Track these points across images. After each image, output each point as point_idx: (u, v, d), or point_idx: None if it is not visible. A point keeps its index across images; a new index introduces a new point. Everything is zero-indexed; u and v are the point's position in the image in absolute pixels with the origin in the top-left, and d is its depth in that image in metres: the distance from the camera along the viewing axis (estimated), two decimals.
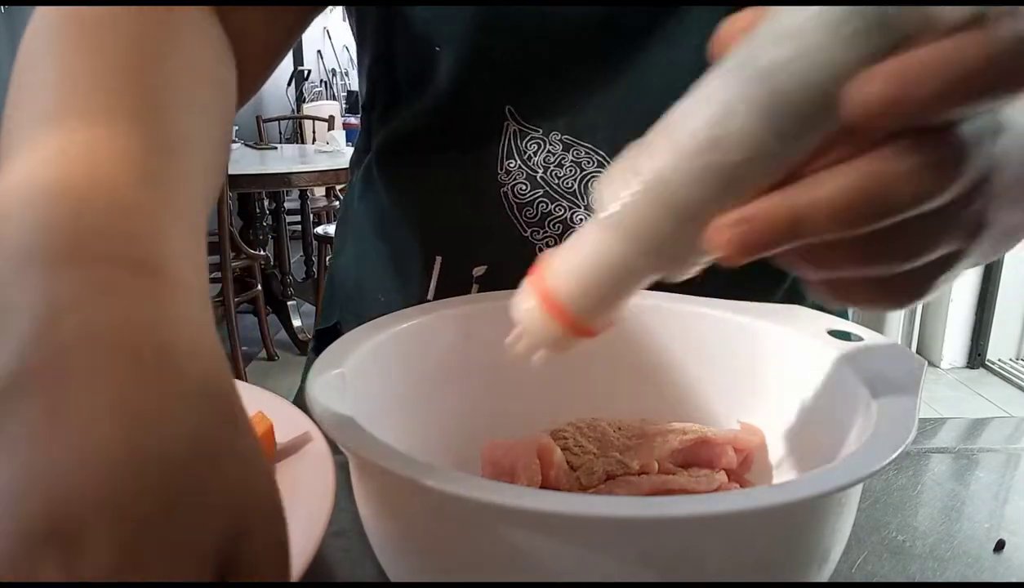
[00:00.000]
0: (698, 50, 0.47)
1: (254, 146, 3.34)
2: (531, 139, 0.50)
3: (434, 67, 0.49)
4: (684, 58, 0.47)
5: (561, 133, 0.49)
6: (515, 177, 0.50)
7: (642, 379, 0.44)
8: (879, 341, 0.37)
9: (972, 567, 0.39)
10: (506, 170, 0.50)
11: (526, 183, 0.50)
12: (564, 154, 0.50)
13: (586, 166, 0.50)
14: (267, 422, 0.41)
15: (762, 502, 0.24)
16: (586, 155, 0.49)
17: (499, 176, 0.51)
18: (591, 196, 0.49)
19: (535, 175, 0.50)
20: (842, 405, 0.35)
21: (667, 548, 0.25)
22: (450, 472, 0.25)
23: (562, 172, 0.50)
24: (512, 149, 0.50)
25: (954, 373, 3.02)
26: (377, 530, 0.31)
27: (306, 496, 0.36)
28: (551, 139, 0.49)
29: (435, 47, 0.49)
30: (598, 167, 0.49)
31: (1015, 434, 0.55)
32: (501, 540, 0.26)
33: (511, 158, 0.50)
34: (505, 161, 0.50)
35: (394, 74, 0.53)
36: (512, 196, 0.51)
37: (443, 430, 0.41)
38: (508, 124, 0.50)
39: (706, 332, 0.43)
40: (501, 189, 0.51)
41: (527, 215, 0.51)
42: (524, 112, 0.49)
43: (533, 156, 0.50)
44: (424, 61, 0.50)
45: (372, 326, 0.39)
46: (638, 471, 0.37)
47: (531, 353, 0.30)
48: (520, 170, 0.50)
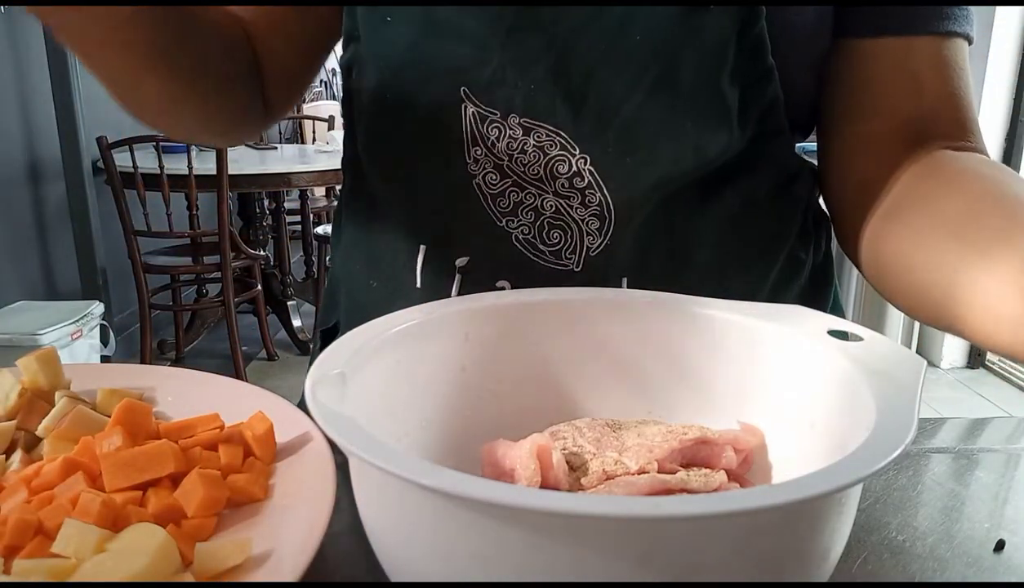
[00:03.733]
0: (648, 47, 0.47)
1: (254, 146, 3.33)
2: (491, 123, 0.49)
3: (387, 42, 0.50)
4: (641, 33, 0.46)
5: (519, 115, 0.48)
6: (483, 166, 0.50)
7: (642, 379, 0.44)
8: (879, 341, 0.37)
9: (972, 567, 0.39)
10: (474, 158, 0.50)
11: (495, 173, 0.50)
12: (526, 138, 0.49)
13: (549, 150, 0.49)
14: (267, 422, 0.41)
15: (762, 502, 0.24)
16: (547, 138, 0.49)
17: (468, 166, 0.50)
18: (558, 182, 0.49)
19: (501, 164, 0.50)
20: (842, 405, 0.35)
21: (667, 548, 0.25)
22: (450, 472, 0.25)
23: (526, 159, 0.49)
24: (476, 133, 0.49)
25: (954, 373, 3.02)
26: (377, 530, 0.31)
27: (306, 496, 0.36)
28: (510, 123, 0.49)
29: (386, 17, 0.49)
30: (561, 151, 0.49)
31: (1015, 434, 0.55)
32: (501, 540, 0.26)
33: (476, 145, 0.50)
34: (471, 148, 0.50)
35: (360, 52, 0.53)
36: (484, 187, 0.51)
37: (443, 430, 0.41)
38: (466, 106, 0.49)
39: (706, 332, 0.43)
40: (473, 181, 0.51)
41: (500, 205, 0.51)
42: (476, 92, 0.49)
43: (496, 143, 0.49)
44: (380, 36, 0.50)
45: (372, 326, 0.39)
46: (637, 471, 0.37)
47: None
48: (487, 158, 0.50)
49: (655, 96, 0.47)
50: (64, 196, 2.66)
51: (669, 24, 0.46)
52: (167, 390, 0.47)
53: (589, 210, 0.50)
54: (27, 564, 0.31)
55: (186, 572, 0.32)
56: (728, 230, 0.52)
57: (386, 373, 0.38)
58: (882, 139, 0.51)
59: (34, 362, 0.44)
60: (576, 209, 0.50)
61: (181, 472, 0.37)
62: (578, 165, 0.49)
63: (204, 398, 0.45)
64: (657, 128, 0.48)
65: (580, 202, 0.50)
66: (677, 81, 0.47)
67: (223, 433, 0.41)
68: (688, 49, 0.47)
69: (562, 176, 0.49)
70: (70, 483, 0.36)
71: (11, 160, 2.48)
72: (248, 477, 0.38)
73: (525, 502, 0.24)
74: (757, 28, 0.47)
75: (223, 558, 0.32)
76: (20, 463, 0.40)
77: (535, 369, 0.44)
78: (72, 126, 2.57)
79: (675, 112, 0.48)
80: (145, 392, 0.47)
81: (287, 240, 3.40)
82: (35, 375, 0.44)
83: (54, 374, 0.44)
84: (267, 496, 0.38)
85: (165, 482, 0.37)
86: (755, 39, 0.48)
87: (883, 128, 0.51)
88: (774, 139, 0.52)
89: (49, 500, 0.35)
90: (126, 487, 0.36)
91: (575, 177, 0.49)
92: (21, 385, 0.43)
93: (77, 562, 0.31)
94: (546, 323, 0.44)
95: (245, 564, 0.32)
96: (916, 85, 0.50)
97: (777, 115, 0.51)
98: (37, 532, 0.33)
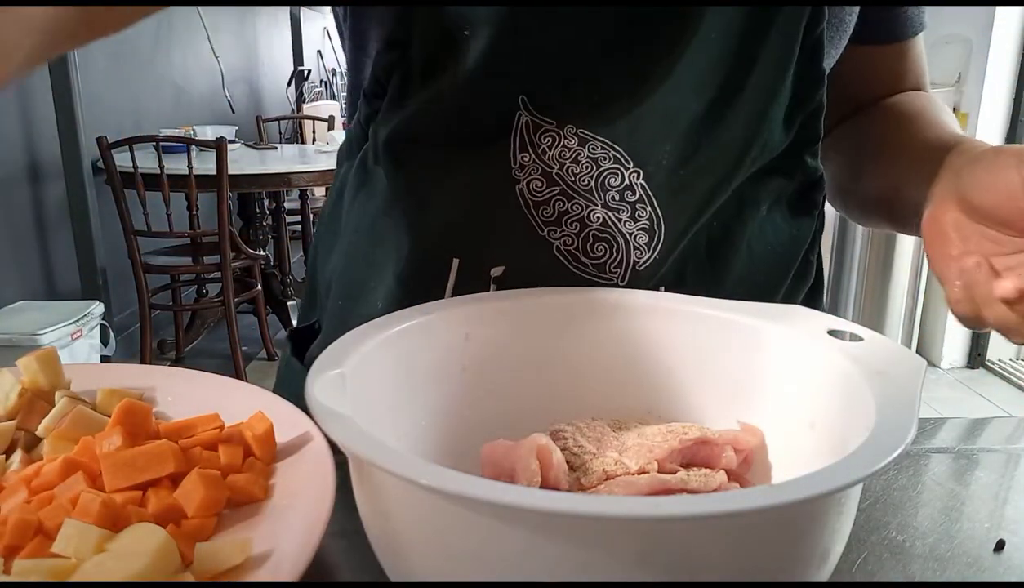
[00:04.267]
0: (719, 50, 0.47)
1: (254, 146, 3.34)
2: (545, 132, 0.48)
3: (457, 52, 0.48)
4: (705, 58, 0.47)
5: (576, 126, 0.48)
6: (530, 173, 0.49)
7: (642, 379, 0.44)
8: (879, 341, 0.37)
9: (972, 567, 0.39)
10: (520, 164, 0.49)
11: (541, 179, 0.49)
12: (580, 149, 0.48)
13: (602, 162, 0.48)
14: (267, 422, 0.41)
15: (762, 502, 0.24)
16: (602, 151, 0.48)
17: (513, 171, 0.49)
18: (608, 194, 0.49)
19: (551, 171, 0.49)
20: (842, 405, 0.35)
21: (667, 548, 0.25)
22: (450, 472, 0.25)
23: (578, 169, 0.49)
24: (525, 141, 0.49)
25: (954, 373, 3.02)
26: (377, 530, 0.31)
27: (306, 496, 0.36)
28: (566, 132, 0.48)
29: (464, 31, 0.47)
30: (614, 163, 0.48)
31: (1015, 434, 0.55)
32: (501, 540, 0.26)
33: (524, 151, 0.49)
34: (519, 154, 0.49)
35: (407, 60, 0.50)
36: (528, 193, 0.49)
37: (443, 430, 0.41)
38: (520, 114, 0.48)
39: (706, 332, 0.43)
40: (516, 186, 0.49)
41: (544, 214, 0.49)
42: (538, 102, 0.48)
43: (548, 151, 0.48)
44: (447, 45, 0.48)
45: (372, 326, 0.39)
46: (638, 471, 0.37)
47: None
48: (535, 165, 0.49)
49: (716, 103, 0.48)
50: (64, 196, 2.65)
51: (740, 29, 0.46)
52: (167, 390, 0.47)
53: (639, 224, 0.49)
54: (27, 564, 0.31)
55: (186, 572, 0.32)
56: (757, 236, 0.53)
57: (386, 373, 0.38)
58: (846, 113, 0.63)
59: (34, 362, 0.44)
60: (625, 223, 0.49)
61: (181, 472, 0.37)
62: (630, 179, 0.48)
63: (204, 398, 0.45)
64: (713, 137, 0.48)
65: (630, 215, 0.49)
66: (742, 85, 0.48)
67: (223, 433, 0.41)
68: (758, 50, 0.47)
69: (613, 189, 0.49)
70: (70, 483, 0.36)
71: (11, 160, 2.48)
72: (248, 477, 0.38)
73: (525, 502, 0.24)
74: (819, 29, 0.48)
75: (223, 558, 0.32)
76: (20, 463, 0.40)
77: (535, 369, 0.44)
78: (72, 126, 2.57)
79: (733, 118, 0.48)
80: (145, 392, 0.47)
81: (287, 240, 3.40)
82: (35, 375, 0.44)
83: (54, 374, 0.44)
84: (267, 496, 0.38)
85: (165, 482, 0.37)
86: (816, 41, 0.49)
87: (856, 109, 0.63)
88: (809, 146, 0.53)
89: (49, 500, 0.35)
90: (126, 487, 0.36)
91: (626, 191, 0.49)
92: (21, 385, 0.43)
93: (77, 562, 0.31)
94: (546, 323, 0.44)
95: (245, 564, 0.32)
96: (897, 78, 0.62)
97: (817, 121, 0.52)
98: (37, 532, 0.33)
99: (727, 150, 0.49)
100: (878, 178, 0.59)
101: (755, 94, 0.48)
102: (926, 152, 0.52)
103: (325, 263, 0.59)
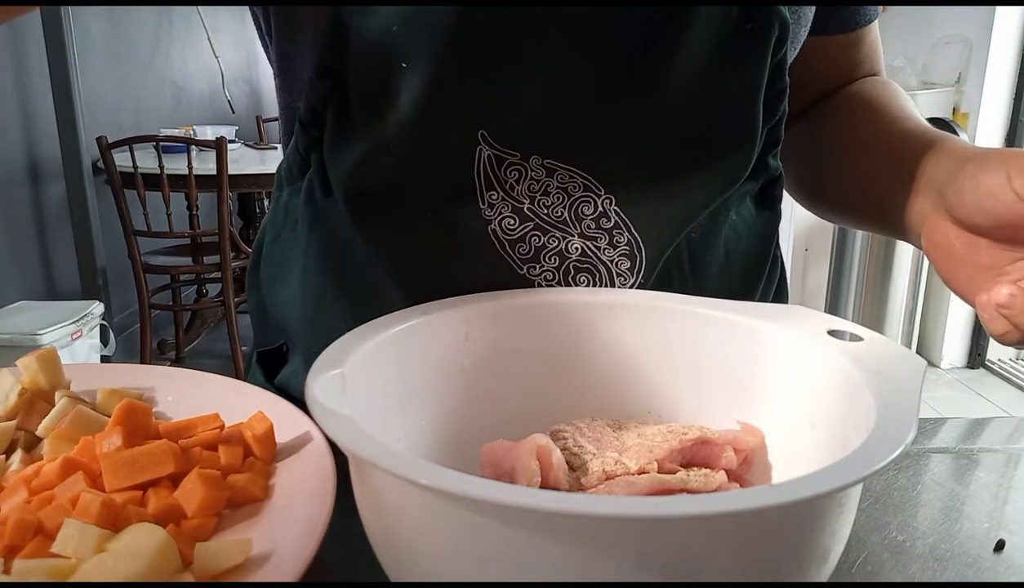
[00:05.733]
0: (687, 69, 0.46)
1: (254, 146, 3.34)
2: (510, 165, 0.46)
3: (396, 87, 0.45)
4: (674, 80, 0.45)
5: (542, 157, 0.46)
6: (500, 211, 0.47)
7: (642, 379, 0.44)
8: (879, 341, 0.37)
9: (972, 567, 0.39)
10: (488, 203, 0.47)
11: (513, 217, 0.47)
12: (548, 180, 0.47)
13: (572, 191, 0.47)
14: (267, 422, 0.41)
15: (762, 502, 0.24)
16: (571, 179, 0.47)
17: (483, 212, 0.47)
18: (584, 223, 0.47)
19: (521, 207, 0.47)
20: (842, 405, 0.35)
21: (667, 548, 0.25)
22: (450, 472, 0.25)
23: (549, 200, 0.47)
24: (491, 177, 0.46)
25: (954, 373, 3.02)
26: (377, 530, 0.31)
27: (306, 496, 0.36)
28: (531, 164, 0.46)
29: (401, 64, 0.44)
30: (584, 192, 0.47)
31: (1015, 434, 0.55)
32: (501, 540, 0.26)
33: (491, 188, 0.46)
34: (486, 193, 0.47)
35: (344, 92, 0.47)
36: (502, 232, 0.47)
37: (443, 430, 0.41)
38: (482, 149, 0.46)
39: (706, 332, 0.43)
40: (488, 227, 0.47)
41: (520, 251, 0.48)
42: (499, 135, 0.46)
43: (516, 185, 0.46)
44: (384, 80, 0.45)
45: (372, 326, 0.39)
46: (638, 471, 0.37)
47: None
48: (504, 202, 0.47)
49: (689, 129, 0.46)
50: (64, 196, 2.66)
51: (714, 49, 0.45)
52: (167, 390, 0.47)
53: (618, 250, 0.48)
54: (27, 564, 0.31)
55: (186, 572, 0.32)
56: (732, 238, 0.52)
57: (386, 373, 0.38)
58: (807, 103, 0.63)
59: (34, 362, 0.44)
60: (604, 250, 0.48)
61: (181, 472, 0.37)
62: (603, 205, 0.47)
63: (204, 398, 0.45)
64: (687, 161, 0.47)
65: (608, 242, 0.48)
66: (715, 111, 0.46)
67: (223, 433, 0.41)
68: (730, 73, 0.46)
69: (587, 217, 0.47)
70: (70, 483, 0.36)
71: (11, 160, 2.48)
72: (248, 477, 0.38)
73: (525, 502, 0.24)
74: (784, 48, 0.47)
75: (223, 558, 0.32)
76: (20, 463, 0.40)
77: (535, 369, 0.44)
78: (72, 126, 2.57)
79: (707, 141, 0.47)
80: (145, 392, 0.47)
81: None
82: (35, 375, 0.44)
83: (54, 374, 0.44)
84: (267, 496, 0.38)
85: (165, 482, 0.37)
86: (781, 59, 0.48)
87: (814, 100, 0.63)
88: (772, 149, 0.52)
89: (49, 500, 0.35)
90: (126, 487, 0.36)
91: (601, 218, 0.47)
92: (21, 385, 0.43)
93: (77, 562, 0.31)
94: (546, 323, 0.44)
95: (245, 564, 0.32)
96: (854, 66, 0.62)
97: (779, 128, 0.52)
98: (37, 532, 0.33)
99: (701, 171, 0.48)
100: (847, 171, 0.58)
101: (727, 116, 0.47)
102: (901, 143, 0.52)
103: (278, 293, 0.55)
